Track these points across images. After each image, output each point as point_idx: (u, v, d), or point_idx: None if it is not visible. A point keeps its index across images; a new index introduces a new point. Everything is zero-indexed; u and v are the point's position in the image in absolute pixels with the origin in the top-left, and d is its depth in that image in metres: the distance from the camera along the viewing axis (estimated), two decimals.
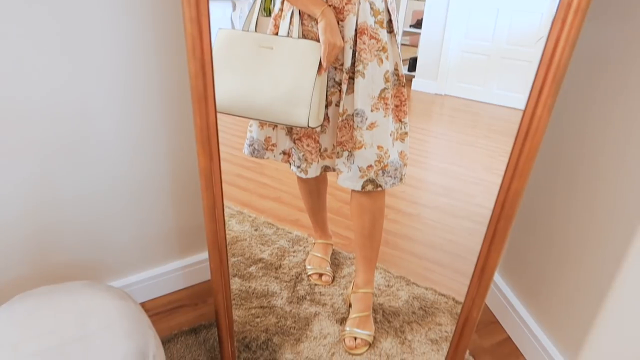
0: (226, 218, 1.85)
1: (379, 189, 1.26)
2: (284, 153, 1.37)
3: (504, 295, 1.43)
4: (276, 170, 2.21)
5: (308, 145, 1.31)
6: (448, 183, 2.30)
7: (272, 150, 1.37)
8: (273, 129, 1.35)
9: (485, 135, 2.74)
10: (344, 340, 1.37)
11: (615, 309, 1.07)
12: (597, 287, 1.11)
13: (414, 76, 3.18)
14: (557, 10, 0.67)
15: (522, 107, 0.75)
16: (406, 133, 1.31)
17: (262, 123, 1.34)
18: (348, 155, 1.26)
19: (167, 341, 1.34)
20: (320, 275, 1.60)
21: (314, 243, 1.69)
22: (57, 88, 1.11)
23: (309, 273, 1.61)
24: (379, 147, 1.23)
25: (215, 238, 0.95)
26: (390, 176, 1.27)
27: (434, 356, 1.33)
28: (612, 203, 1.06)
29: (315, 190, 1.56)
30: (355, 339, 1.35)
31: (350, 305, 1.45)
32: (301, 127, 1.21)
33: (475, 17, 2.98)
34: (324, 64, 1.13)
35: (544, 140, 1.27)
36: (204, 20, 0.73)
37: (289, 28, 1.18)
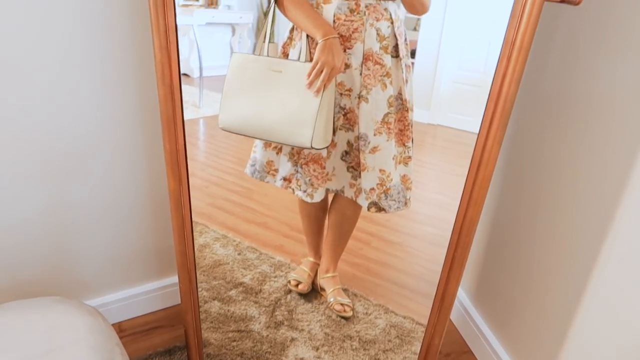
0: (210, 241, 1.89)
1: (383, 212, 1.31)
2: (284, 179, 1.39)
3: (477, 325, 1.44)
4: (264, 195, 2.23)
5: (314, 170, 1.33)
6: (434, 212, 2.31)
7: (274, 175, 1.40)
8: (277, 153, 1.37)
9: None
10: (333, 307, 1.52)
11: (577, 340, 1.08)
12: (560, 318, 1.12)
13: None
14: (502, 47, 0.72)
15: None
16: (410, 157, 1.33)
17: (266, 144, 1.37)
18: (356, 176, 1.32)
19: None
20: (299, 283, 1.63)
21: (306, 258, 1.72)
22: (34, 104, 1.13)
23: (289, 279, 1.66)
24: (380, 170, 1.27)
25: (185, 259, 0.97)
26: (394, 200, 1.31)
27: None
28: (569, 235, 1.08)
29: (314, 213, 1.59)
30: (342, 304, 1.52)
31: (321, 288, 1.62)
32: (305, 148, 1.22)
33: (468, 48, 3.03)
34: (318, 83, 1.12)
35: (508, 175, 1.30)
36: (172, 49, 0.77)
37: (299, 54, 1.22)
